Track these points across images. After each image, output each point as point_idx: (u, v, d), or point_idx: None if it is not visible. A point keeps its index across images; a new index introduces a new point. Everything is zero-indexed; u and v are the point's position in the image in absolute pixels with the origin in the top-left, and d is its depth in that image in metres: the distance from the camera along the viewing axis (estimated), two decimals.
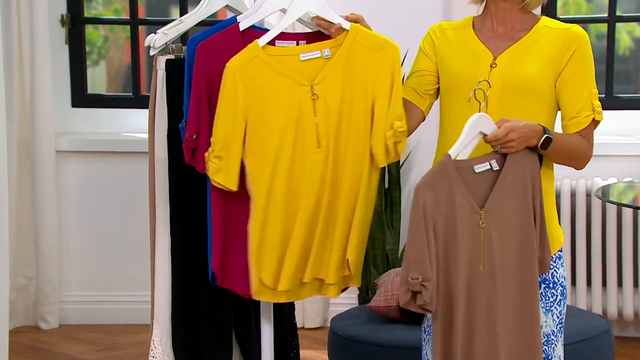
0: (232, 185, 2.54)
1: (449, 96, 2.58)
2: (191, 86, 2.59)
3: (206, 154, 2.53)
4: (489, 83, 2.43)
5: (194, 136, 2.57)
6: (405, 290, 2.27)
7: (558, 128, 2.54)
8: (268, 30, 2.67)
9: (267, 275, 2.59)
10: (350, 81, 2.55)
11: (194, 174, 2.68)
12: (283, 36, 2.60)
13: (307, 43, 2.62)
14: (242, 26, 2.62)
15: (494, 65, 2.52)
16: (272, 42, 2.58)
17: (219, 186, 2.54)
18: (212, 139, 2.52)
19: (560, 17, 4.72)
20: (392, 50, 2.57)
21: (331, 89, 2.54)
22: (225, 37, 2.60)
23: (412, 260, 2.27)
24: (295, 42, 2.62)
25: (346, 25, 2.58)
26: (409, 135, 2.66)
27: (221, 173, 2.53)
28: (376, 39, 2.56)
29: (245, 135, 2.52)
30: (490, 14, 2.56)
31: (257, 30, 2.63)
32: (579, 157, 2.51)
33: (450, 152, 2.33)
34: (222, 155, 2.52)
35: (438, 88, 2.63)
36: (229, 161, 2.52)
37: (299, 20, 2.63)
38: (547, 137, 2.40)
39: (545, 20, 2.56)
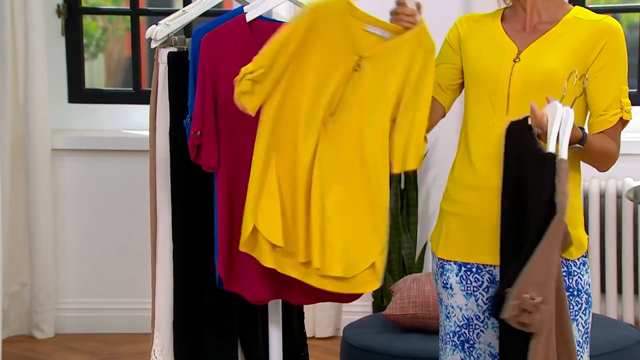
0: (253, 110, 2.52)
1: (470, 91, 2.59)
2: (196, 80, 2.61)
3: (240, 75, 2.48)
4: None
5: (198, 132, 2.59)
6: (516, 306, 2.25)
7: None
8: (276, 21, 2.69)
9: (264, 222, 2.55)
10: (393, 70, 2.58)
11: (197, 173, 2.70)
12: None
13: None
14: (249, 17, 2.63)
15: (517, 60, 2.52)
16: None
17: (240, 107, 2.51)
18: (255, 60, 2.48)
19: (590, 6, 4.72)
20: (434, 55, 2.59)
21: (375, 68, 2.57)
22: (231, 28, 2.62)
23: (536, 280, 2.26)
24: None
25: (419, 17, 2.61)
26: (428, 132, 2.67)
27: (247, 96, 2.51)
28: (431, 41, 2.58)
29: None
30: (519, 3, 2.56)
31: (265, 21, 2.65)
32: (604, 161, 2.51)
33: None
34: (259, 80, 2.50)
35: (461, 83, 2.64)
36: (262, 90, 2.51)
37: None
38: (576, 146, 2.42)
39: (577, 10, 2.54)
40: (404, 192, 4.57)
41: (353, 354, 3.50)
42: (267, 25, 2.63)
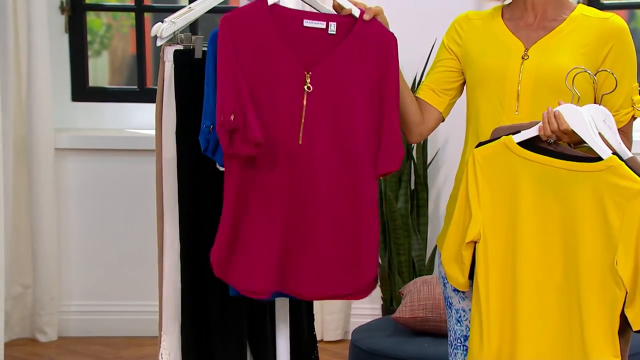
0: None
1: (476, 91, 2.59)
2: (216, 79, 2.58)
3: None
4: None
5: (232, 115, 2.52)
6: None
7: None
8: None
9: None
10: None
11: (205, 173, 2.71)
12: (311, 15, 2.62)
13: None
14: (271, 0, 2.62)
15: (525, 57, 2.52)
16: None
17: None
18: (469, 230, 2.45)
19: (603, 2, 4.72)
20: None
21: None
22: (251, 10, 2.58)
23: None
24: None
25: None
26: (425, 136, 2.69)
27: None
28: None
29: None
30: (521, 1, 2.57)
31: (284, 7, 2.64)
32: None
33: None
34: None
35: (460, 85, 2.65)
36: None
37: None
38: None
39: (582, 8, 2.56)
40: (414, 192, 4.57)
41: (362, 357, 3.51)
42: (286, 11, 2.62)
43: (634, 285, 2.30)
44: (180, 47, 2.78)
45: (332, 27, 2.63)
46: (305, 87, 2.60)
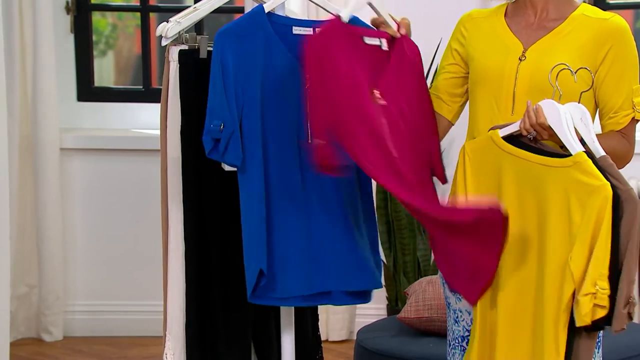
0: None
1: (475, 91, 2.58)
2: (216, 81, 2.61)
3: None
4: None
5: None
6: (627, 315, 2.26)
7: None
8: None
9: None
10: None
11: (210, 173, 2.71)
12: (370, 32, 2.63)
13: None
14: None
15: (522, 58, 2.50)
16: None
17: None
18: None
19: (609, 2, 4.71)
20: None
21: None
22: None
23: (633, 278, 2.25)
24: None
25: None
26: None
27: None
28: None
29: None
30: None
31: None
32: (616, 160, 2.49)
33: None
34: None
35: (467, 88, 2.64)
36: None
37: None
38: None
39: (584, 7, 2.54)
40: None
41: (367, 357, 3.51)
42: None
43: (581, 281, 2.26)
44: (185, 46, 2.78)
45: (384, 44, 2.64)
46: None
